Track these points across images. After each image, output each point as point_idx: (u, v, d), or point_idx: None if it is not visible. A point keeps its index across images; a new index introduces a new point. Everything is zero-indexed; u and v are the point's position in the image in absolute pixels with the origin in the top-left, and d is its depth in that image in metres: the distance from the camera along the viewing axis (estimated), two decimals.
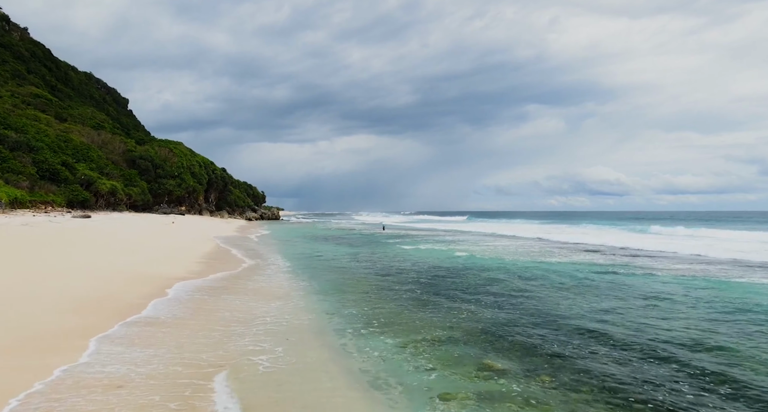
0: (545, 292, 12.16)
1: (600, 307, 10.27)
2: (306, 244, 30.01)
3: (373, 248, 26.11)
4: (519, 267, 17.20)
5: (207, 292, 10.89)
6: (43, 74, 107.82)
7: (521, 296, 11.63)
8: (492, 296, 11.67)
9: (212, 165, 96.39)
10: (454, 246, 27.13)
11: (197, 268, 14.63)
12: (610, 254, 22.59)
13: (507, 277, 14.72)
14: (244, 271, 15.24)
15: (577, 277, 14.78)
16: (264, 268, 16.53)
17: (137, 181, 61.16)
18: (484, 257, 20.98)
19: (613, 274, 15.33)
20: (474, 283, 13.61)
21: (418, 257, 20.87)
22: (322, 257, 21.19)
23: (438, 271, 16.29)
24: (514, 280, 14.10)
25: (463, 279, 14.34)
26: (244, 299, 10.40)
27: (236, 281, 12.87)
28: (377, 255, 22.08)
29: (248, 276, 14.07)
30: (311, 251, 24.61)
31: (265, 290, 11.91)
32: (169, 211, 63.13)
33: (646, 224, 59.33)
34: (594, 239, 30.86)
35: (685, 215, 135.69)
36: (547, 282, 13.74)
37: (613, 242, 28.22)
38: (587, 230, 46.87)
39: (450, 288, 12.78)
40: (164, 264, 14.71)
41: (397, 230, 51.25)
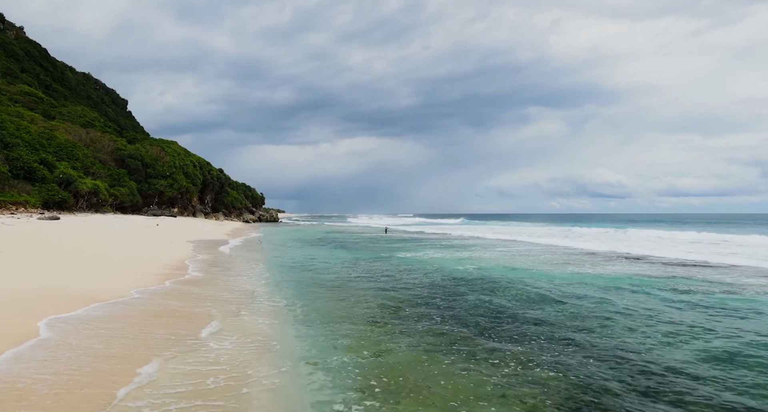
0: (616, 321, 8.79)
1: (721, 348, 6.92)
2: (299, 249, 26.68)
3: (375, 254, 22.76)
4: (555, 281, 13.83)
5: (99, 333, 7.55)
6: (38, 73, 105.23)
7: (585, 328, 8.27)
8: (543, 326, 8.32)
9: (208, 165, 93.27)
10: (466, 253, 23.79)
11: (131, 285, 11.30)
12: (651, 263, 19.23)
13: (548, 295, 11.37)
14: (194, 285, 11.91)
15: (638, 295, 11.42)
16: (231, 280, 13.20)
17: (126, 181, 57.93)
18: (505, 266, 17.63)
19: (686, 292, 11.94)
20: (509, 305, 10.26)
21: (428, 267, 17.53)
22: (314, 267, 17.85)
23: (456, 286, 12.93)
24: (561, 301, 10.75)
25: (493, 298, 10.99)
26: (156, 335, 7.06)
27: (165, 302, 9.53)
28: (379, 264, 18.73)
29: (199, 297, 10.72)
30: (304, 257, 21.30)
31: (211, 310, 8.60)
32: (159, 212, 59.88)
33: (660, 227, 55.89)
34: (613, 246, 27.44)
35: (692, 217, 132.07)
36: (606, 305, 10.37)
37: (641, 249, 24.80)
38: (593, 232, 43.48)
39: (479, 314, 9.42)
40: (96, 281, 11.38)
41: (399, 233, 47.89)
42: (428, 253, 23.60)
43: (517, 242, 31.80)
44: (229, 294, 10.83)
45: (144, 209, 59.71)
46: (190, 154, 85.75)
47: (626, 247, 26.11)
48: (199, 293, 10.66)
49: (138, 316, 7.93)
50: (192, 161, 78.60)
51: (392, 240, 35.99)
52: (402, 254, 23.19)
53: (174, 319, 8.01)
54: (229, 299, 10.18)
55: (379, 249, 26.52)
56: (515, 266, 17.48)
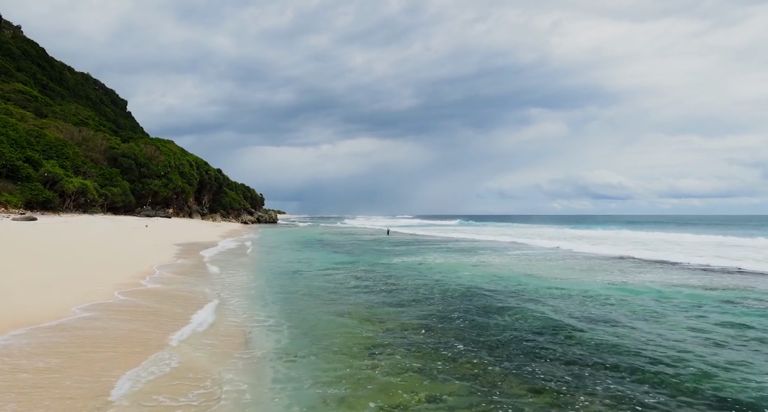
0: (706, 359, 6.71)
1: None
2: (294, 252, 24.60)
3: (377, 259, 20.69)
4: (594, 294, 11.75)
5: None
6: (34, 72, 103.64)
7: (667, 362, 6.18)
8: (607, 354, 6.23)
9: (206, 165, 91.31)
10: (477, 258, 21.72)
11: (77, 300, 9.26)
12: (688, 269, 17.14)
13: (593, 315, 9.29)
14: (149, 297, 9.85)
15: (710, 314, 9.34)
16: (199, 292, 11.13)
17: (118, 181, 55.89)
18: (526, 274, 15.56)
19: (762, 315, 9.85)
20: (545, 326, 8.18)
21: (438, 274, 15.44)
22: (308, 272, 15.77)
23: (476, 300, 10.85)
24: (616, 322, 8.67)
25: (521, 317, 8.91)
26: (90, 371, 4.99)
27: (105, 324, 7.46)
28: (382, 270, 16.65)
29: (144, 315, 8.66)
30: (298, 261, 19.24)
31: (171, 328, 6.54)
32: (153, 213, 57.83)
33: (666, 229, 53.78)
34: (630, 249, 25.34)
35: (695, 219, 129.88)
36: (674, 330, 8.28)
37: (665, 253, 22.69)
38: (603, 234, 41.28)
39: (514, 342, 7.35)
40: (35, 295, 9.34)
41: (401, 235, 45.82)
42: (435, 257, 21.51)
43: (529, 246, 29.71)
44: (184, 309, 8.75)
45: (137, 209, 57.67)
46: (186, 153, 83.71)
47: (647, 251, 24.02)
48: (147, 309, 8.59)
49: (48, 352, 5.84)
50: (188, 161, 76.60)
51: (394, 242, 33.92)
52: (406, 258, 21.11)
53: (104, 352, 5.92)
54: (179, 317, 8.10)
55: (381, 252, 24.45)
56: (538, 274, 15.38)
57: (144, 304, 9.01)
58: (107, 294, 9.53)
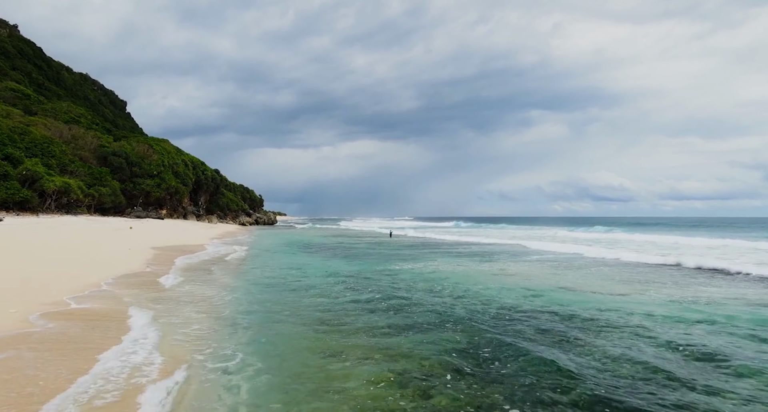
0: None
1: None
2: (287, 257, 21.93)
3: (380, 266, 18.01)
4: (662, 317, 9.05)
5: None
6: (29, 71, 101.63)
7: None
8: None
9: (203, 165, 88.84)
10: (495, 265, 19.05)
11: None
12: (758, 281, 14.43)
13: (686, 349, 6.61)
14: (75, 322, 7.17)
15: None
16: (144, 313, 8.47)
17: (108, 181, 53.29)
18: (561, 287, 12.88)
19: None
20: (648, 378, 5.48)
21: (455, 287, 12.76)
22: (298, 283, 13.09)
23: (513, 325, 8.16)
24: (732, 360, 5.98)
25: (590, 355, 6.22)
26: None
27: None
28: (388, 281, 13.97)
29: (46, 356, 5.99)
30: (289, 268, 16.57)
31: None
32: (145, 214, 55.18)
33: (678, 232, 51.01)
34: (664, 255, 22.58)
35: (700, 221, 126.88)
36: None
37: (707, 260, 19.92)
38: (621, 237, 38.37)
39: (576, 392, 4.65)
40: None
41: (405, 238, 43.13)
42: (446, 264, 18.83)
43: (547, 251, 26.98)
44: (98, 343, 6.06)
45: (127, 210, 55.04)
46: (182, 152, 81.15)
47: (684, 256, 21.28)
48: (44, 348, 5.90)
49: None
50: (183, 160, 74.02)
51: (398, 246, 31.24)
52: (414, 265, 18.43)
53: None
54: (82, 360, 5.41)
55: (385, 258, 21.77)
56: (576, 288, 12.69)
57: (50, 336, 6.32)
58: (11, 320, 6.87)
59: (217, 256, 21.18)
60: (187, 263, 17.23)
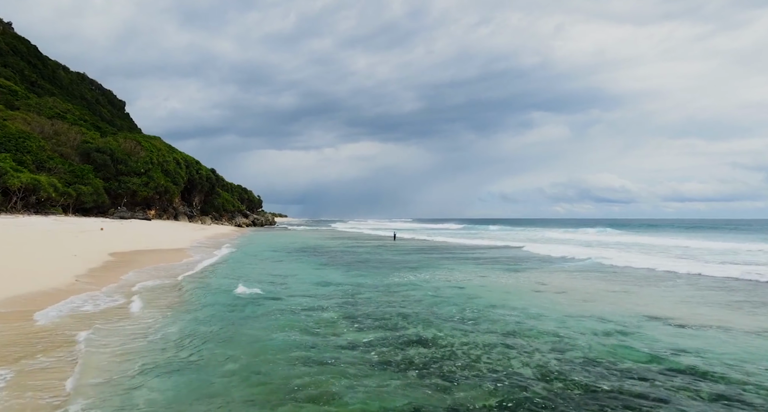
0: None
1: None
2: (273, 264, 18.18)
3: (386, 279, 14.24)
4: None
5: None
6: (22, 68, 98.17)
7: None
8: None
9: (197, 164, 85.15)
10: (528, 278, 15.33)
11: None
12: None
13: None
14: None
15: None
16: None
17: (89, 179, 49.54)
18: (636, 314, 9.14)
19: None
20: None
21: (492, 313, 8.98)
22: (275, 305, 9.31)
23: (621, 400, 4.38)
24: None
25: None
26: None
27: None
28: (396, 300, 10.17)
29: None
30: (270, 282, 12.83)
31: None
32: (130, 215, 51.37)
33: (701, 234, 47.20)
34: (743, 266, 18.79)
35: (706, 223, 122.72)
36: None
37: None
38: (630, 239, 34.36)
39: None
40: None
41: (410, 242, 39.35)
42: (468, 275, 15.06)
43: (574, 257, 23.14)
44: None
45: (110, 210, 51.27)
46: (174, 150, 77.43)
47: (751, 266, 17.53)
48: None
49: None
50: (175, 158, 70.26)
51: (405, 250, 27.47)
52: (428, 276, 14.65)
53: None
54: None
55: (390, 266, 18.01)
56: (665, 315, 8.90)
57: None
58: None
59: (189, 264, 17.42)
60: (137, 276, 13.44)
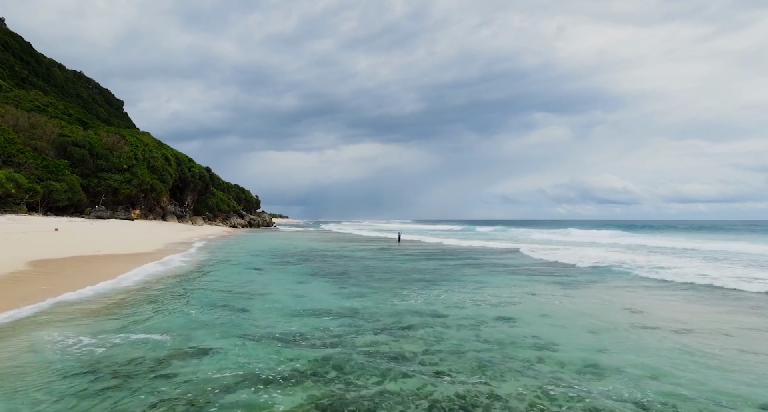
0: None
1: None
2: (248, 276, 13.90)
3: (396, 297, 9.93)
4: None
5: None
6: (12, 65, 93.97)
7: None
8: None
9: (189, 162, 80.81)
10: (615, 300, 10.99)
11: None
12: None
13: None
14: None
15: None
16: None
17: (64, 175, 45.29)
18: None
19: None
20: None
21: (604, 383, 4.62)
22: (205, 369, 5.06)
23: None
24: None
25: None
26: None
27: None
28: (423, 358, 5.83)
29: None
30: (230, 310, 8.58)
31: None
32: (110, 214, 47.06)
33: (723, 237, 42.87)
34: None
35: (712, 224, 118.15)
36: None
37: None
38: (655, 242, 29.86)
39: None
40: None
41: (417, 244, 35.02)
42: (510, 294, 10.74)
43: (625, 265, 18.78)
44: None
45: (87, 209, 46.96)
46: (164, 146, 73.14)
47: None
48: None
49: None
50: (164, 154, 65.92)
51: (412, 255, 23.17)
52: (454, 294, 10.33)
53: None
54: None
55: (398, 279, 13.70)
56: None
57: None
58: None
59: (125, 276, 13.11)
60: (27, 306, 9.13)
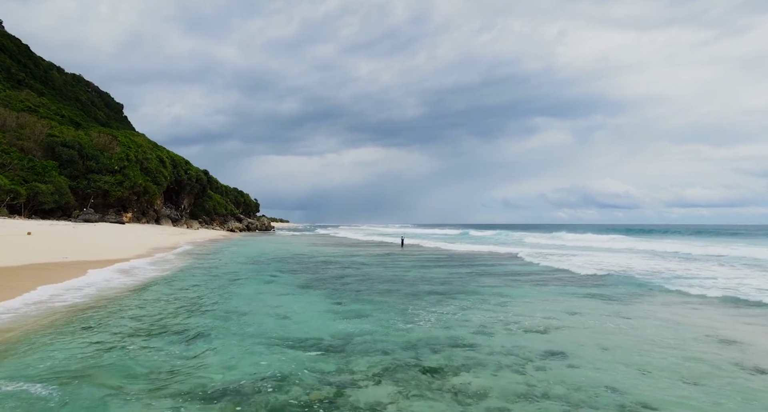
0: None
1: None
2: (227, 291, 11.67)
3: (402, 319, 7.67)
4: None
5: None
6: (8, 66, 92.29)
7: None
8: None
9: (186, 164, 78.71)
10: (672, 321, 8.63)
11: None
12: None
13: None
14: None
15: None
16: None
17: (52, 176, 43.21)
18: None
19: None
20: None
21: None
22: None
23: None
24: None
25: None
26: None
27: None
28: (450, 397, 3.54)
29: None
30: (194, 345, 6.40)
31: None
32: (98, 217, 44.90)
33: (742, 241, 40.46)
34: None
35: (716, 228, 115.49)
36: None
37: None
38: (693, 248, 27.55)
39: None
40: None
41: (422, 249, 32.72)
42: (545, 313, 8.49)
43: (672, 278, 16.48)
44: None
45: (74, 212, 44.78)
46: (159, 148, 71.13)
47: None
48: None
49: None
50: (158, 156, 63.83)
51: (418, 261, 20.89)
52: (475, 313, 8.09)
53: None
54: None
55: (405, 292, 11.43)
56: None
57: None
58: None
59: (64, 293, 10.87)
60: None
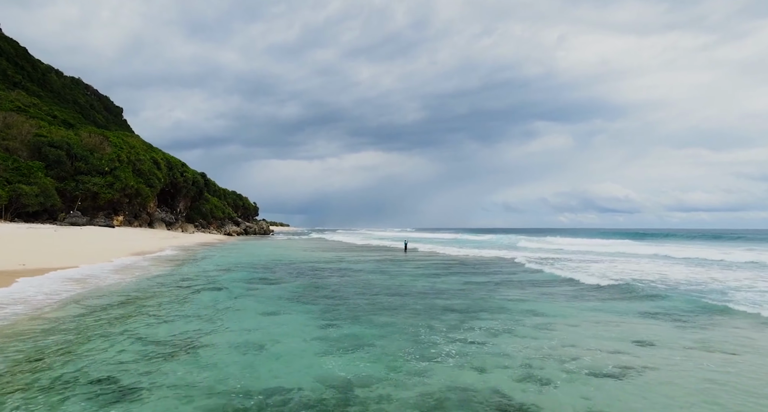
0: None
1: None
2: (206, 308, 9.56)
3: (413, 338, 5.53)
4: None
5: None
6: (4, 68, 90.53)
7: None
8: None
9: (182, 166, 76.63)
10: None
11: None
12: None
13: None
14: None
15: None
16: None
17: (37, 177, 41.16)
18: None
19: None
20: None
21: None
22: None
23: None
24: None
25: None
26: None
27: None
28: None
29: None
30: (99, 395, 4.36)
31: None
32: (86, 220, 42.79)
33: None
34: None
35: (718, 233, 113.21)
36: None
37: None
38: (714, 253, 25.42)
39: None
40: None
41: (427, 255, 30.54)
42: (608, 344, 6.38)
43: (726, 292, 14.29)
44: None
45: (61, 215, 42.67)
46: (154, 149, 69.15)
47: None
48: None
49: None
50: (153, 158, 61.76)
51: (425, 268, 18.73)
52: (513, 345, 5.99)
53: None
54: None
55: (415, 311, 9.31)
56: None
57: None
58: None
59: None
60: None
